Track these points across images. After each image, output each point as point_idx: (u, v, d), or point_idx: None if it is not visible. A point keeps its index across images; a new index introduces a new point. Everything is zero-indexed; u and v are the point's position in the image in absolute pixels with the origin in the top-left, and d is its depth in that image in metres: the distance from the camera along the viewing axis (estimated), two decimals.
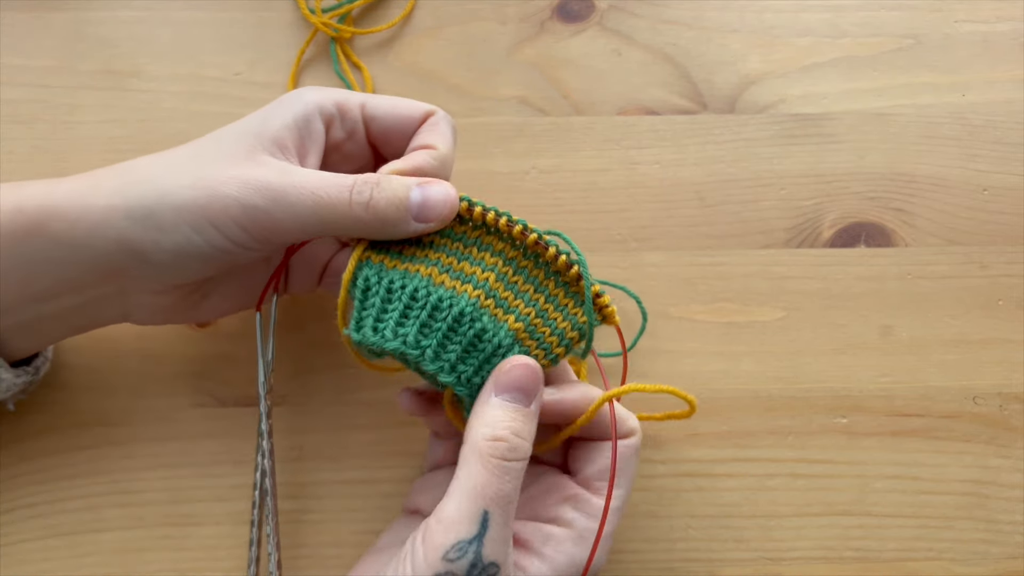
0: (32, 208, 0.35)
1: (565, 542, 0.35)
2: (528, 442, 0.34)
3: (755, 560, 0.43)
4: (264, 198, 0.34)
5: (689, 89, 0.50)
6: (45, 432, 0.43)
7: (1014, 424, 0.45)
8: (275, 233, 0.35)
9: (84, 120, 0.48)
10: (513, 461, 0.33)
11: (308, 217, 0.35)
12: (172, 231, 0.34)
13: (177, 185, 0.35)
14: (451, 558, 0.31)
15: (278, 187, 0.35)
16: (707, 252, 0.47)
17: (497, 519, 0.32)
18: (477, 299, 0.35)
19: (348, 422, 0.44)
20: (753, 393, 0.45)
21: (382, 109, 0.39)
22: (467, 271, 0.36)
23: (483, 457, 0.33)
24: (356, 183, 0.35)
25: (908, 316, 0.46)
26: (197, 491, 0.43)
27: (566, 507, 0.36)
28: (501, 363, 0.35)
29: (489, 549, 0.32)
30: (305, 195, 0.35)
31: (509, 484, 0.33)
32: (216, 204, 0.34)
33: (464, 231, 0.37)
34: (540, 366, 0.35)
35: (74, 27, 0.50)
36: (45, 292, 0.36)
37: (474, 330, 0.35)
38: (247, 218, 0.34)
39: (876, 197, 0.48)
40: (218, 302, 0.40)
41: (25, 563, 0.42)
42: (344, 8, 0.50)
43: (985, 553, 0.43)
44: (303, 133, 0.37)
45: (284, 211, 0.35)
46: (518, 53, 0.50)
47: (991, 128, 0.49)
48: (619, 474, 0.36)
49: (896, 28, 0.51)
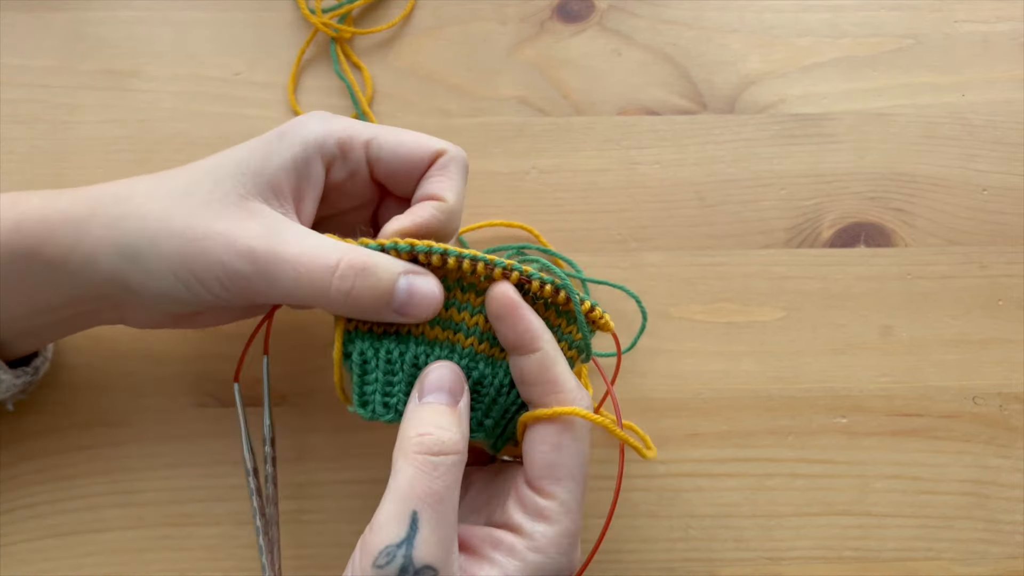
0: (29, 227, 0.35)
1: (516, 549, 0.33)
2: (456, 437, 0.32)
3: (755, 560, 0.43)
4: (247, 264, 0.34)
5: (689, 89, 0.50)
6: (45, 432, 0.43)
7: (1014, 424, 0.45)
8: (256, 296, 0.35)
9: (84, 120, 0.48)
10: (441, 456, 0.32)
11: (290, 291, 0.34)
12: (158, 276, 0.34)
13: (167, 232, 0.34)
14: (380, 564, 0.30)
15: (261, 256, 0.34)
16: (707, 252, 0.47)
17: (429, 519, 0.30)
18: (471, 348, 0.35)
19: (348, 422, 0.44)
20: (753, 393, 0.45)
21: (387, 149, 0.37)
22: (455, 318, 0.35)
23: (408, 455, 0.32)
24: (340, 267, 0.34)
25: (908, 316, 0.46)
26: (197, 491, 0.43)
27: (517, 511, 0.34)
28: (424, 369, 0.35)
29: (422, 551, 0.30)
30: (287, 270, 0.34)
31: (439, 481, 0.31)
32: (200, 261, 0.34)
33: (444, 274, 0.35)
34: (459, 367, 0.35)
35: (74, 27, 0.50)
36: (42, 307, 0.36)
37: (473, 378, 0.35)
38: (229, 280, 0.34)
39: (876, 197, 0.48)
40: (212, 319, 0.40)
41: (25, 563, 0.42)
42: (344, 8, 0.50)
43: (985, 553, 0.43)
44: (301, 176, 0.36)
45: (266, 282, 0.34)
46: (518, 53, 0.50)
47: (991, 128, 0.49)
48: (559, 467, 0.34)
49: (896, 28, 0.51)
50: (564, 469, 0.34)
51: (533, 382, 0.34)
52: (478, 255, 0.35)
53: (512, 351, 0.35)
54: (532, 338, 0.34)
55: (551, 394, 0.34)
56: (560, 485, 0.33)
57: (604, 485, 0.43)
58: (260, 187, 0.35)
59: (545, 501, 0.33)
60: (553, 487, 0.33)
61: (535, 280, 0.35)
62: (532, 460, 0.34)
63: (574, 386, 0.34)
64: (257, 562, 0.42)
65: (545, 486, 0.33)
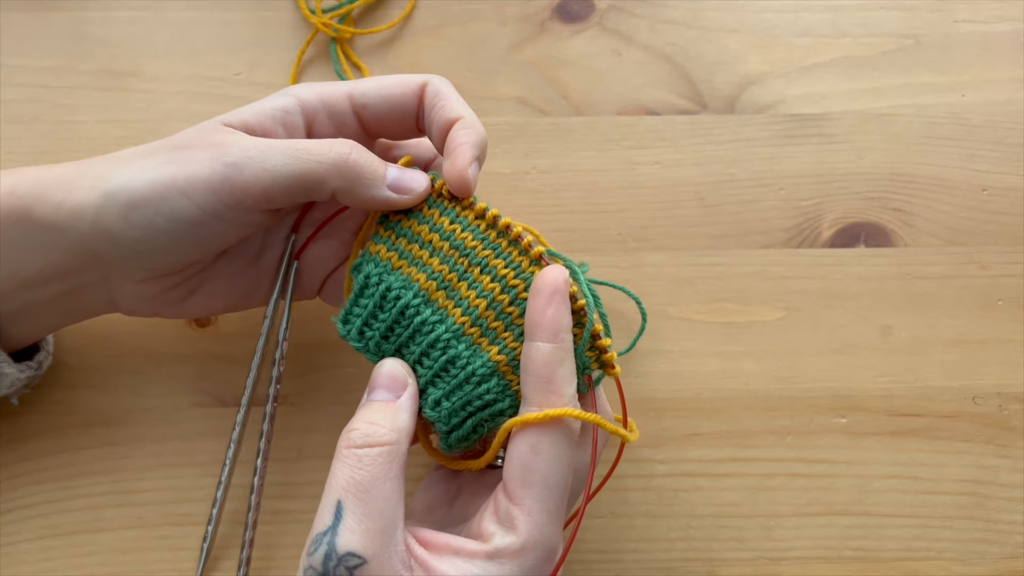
0: (24, 190, 0.35)
1: (477, 556, 0.31)
2: (383, 430, 0.33)
3: (755, 560, 0.43)
4: (237, 157, 0.34)
5: (689, 89, 0.50)
6: (45, 432, 0.43)
7: (1013, 424, 0.45)
8: (246, 193, 0.35)
9: (84, 120, 0.48)
10: (365, 447, 0.32)
11: (281, 170, 0.35)
12: (142, 205, 0.34)
13: (153, 163, 0.35)
14: (310, 552, 0.31)
15: (250, 145, 0.35)
16: (707, 252, 0.47)
17: (353, 508, 0.31)
18: (461, 325, 0.35)
19: (348, 422, 0.44)
20: (753, 393, 0.45)
21: (371, 95, 0.38)
22: (462, 293, 0.35)
23: (338, 450, 0.33)
24: (334, 143, 0.36)
25: (908, 316, 0.46)
26: (197, 491, 0.43)
27: (490, 518, 0.33)
28: (376, 366, 0.35)
29: (345, 539, 0.30)
30: (279, 147, 0.35)
31: (362, 472, 0.31)
32: (186, 171, 0.34)
33: (475, 246, 0.35)
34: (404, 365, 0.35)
35: (74, 27, 0.50)
36: (33, 278, 0.36)
37: (447, 356, 0.35)
38: (218, 178, 0.34)
39: (876, 197, 0.48)
40: (205, 300, 0.40)
41: (25, 563, 0.42)
42: (344, 8, 0.50)
43: (984, 553, 0.43)
44: (277, 121, 0.37)
45: (257, 166, 0.34)
46: (518, 53, 0.51)
47: (991, 128, 0.49)
48: (533, 471, 0.32)
49: (896, 28, 0.51)
50: (538, 474, 0.32)
51: (533, 372, 0.33)
52: (527, 229, 0.36)
53: (531, 333, 0.33)
54: (554, 329, 0.33)
55: (543, 391, 0.33)
56: (530, 491, 0.32)
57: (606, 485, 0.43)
58: (234, 125, 0.36)
59: (514, 508, 0.32)
60: (522, 491, 0.32)
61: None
62: (509, 461, 0.33)
63: (570, 393, 0.33)
64: (257, 561, 0.42)
65: (515, 489, 0.32)
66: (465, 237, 0.35)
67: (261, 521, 0.41)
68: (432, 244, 0.36)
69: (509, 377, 0.35)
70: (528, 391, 0.33)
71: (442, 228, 0.36)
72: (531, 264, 0.35)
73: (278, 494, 0.43)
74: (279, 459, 0.43)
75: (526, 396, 0.33)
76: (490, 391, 0.34)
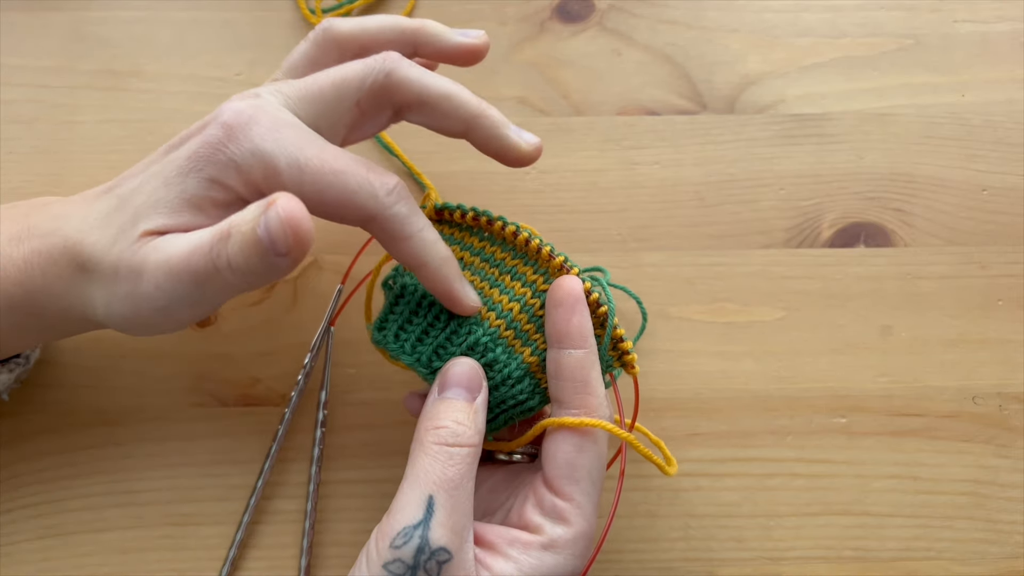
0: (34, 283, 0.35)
1: (532, 547, 0.34)
2: (471, 430, 0.34)
3: (755, 560, 0.43)
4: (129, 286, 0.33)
5: (689, 89, 0.50)
6: (45, 432, 0.43)
7: (1013, 424, 0.45)
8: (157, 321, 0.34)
9: (84, 120, 0.48)
10: (456, 447, 0.33)
11: (182, 292, 0.32)
12: (137, 321, 0.34)
13: (121, 292, 0.34)
14: (397, 544, 0.31)
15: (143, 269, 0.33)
16: (707, 252, 0.47)
17: (444, 504, 0.32)
18: (497, 329, 0.36)
19: (348, 422, 0.44)
20: (753, 393, 0.45)
21: None
22: (495, 298, 0.37)
23: (425, 445, 0.33)
24: (213, 245, 0.31)
25: (907, 316, 0.46)
26: (197, 491, 0.43)
27: (535, 511, 0.35)
28: (446, 364, 0.36)
29: (437, 534, 0.31)
30: (173, 275, 0.32)
31: (453, 469, 0.33)
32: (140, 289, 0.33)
33: (504, 258, 0.37)
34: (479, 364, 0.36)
35: (74, 27, 0.50)
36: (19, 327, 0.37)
37: (486, 359, 0.36)
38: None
39: (876, 197, 0.48)
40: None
41: (25, 563, 0.42)
42: (344, 8, 0.50)
43: (984, 553, 0.43)
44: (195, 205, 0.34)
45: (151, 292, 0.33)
46: (518, 53, 0.50)
47: (991, 128, 0.49)
48: (579, 468, 0.34)
49: (896, 28, 0.51)
50: (583, 471, 0.34)
51: (568, 378, 0.35)
52: (545, 241, 0.37)
53: (557, 343, 0.35)
54: (583, 335, 0.35)
55: (581, 394, 0.35)
56: (578, 486, 0.34)
57: (606, 486, 0.43)
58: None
59: (563, 502, 0.34)
60: (571, 488, 0.34)
61: (587, 282, 0.36)
62: (554, 459, 0.35)
63: (602, 393, 0.35)
64: (257, 561, 0.42)
65: (563, 486, 0.34)
66: (494, 251, 0.38)
67: (258, 521, 0.41)
68: (463, 261, 0.38)
69: (539, 376, 0.36)
70: (564, 395, 0.35)
71: (472, 246, 0.38)
72: (556, 271, 0.37)
73: (278, 494, 0.43)
74: (279, 459, 0.43)
75: (562, 400, 0.35)
76: (523, 391, 0.36)
